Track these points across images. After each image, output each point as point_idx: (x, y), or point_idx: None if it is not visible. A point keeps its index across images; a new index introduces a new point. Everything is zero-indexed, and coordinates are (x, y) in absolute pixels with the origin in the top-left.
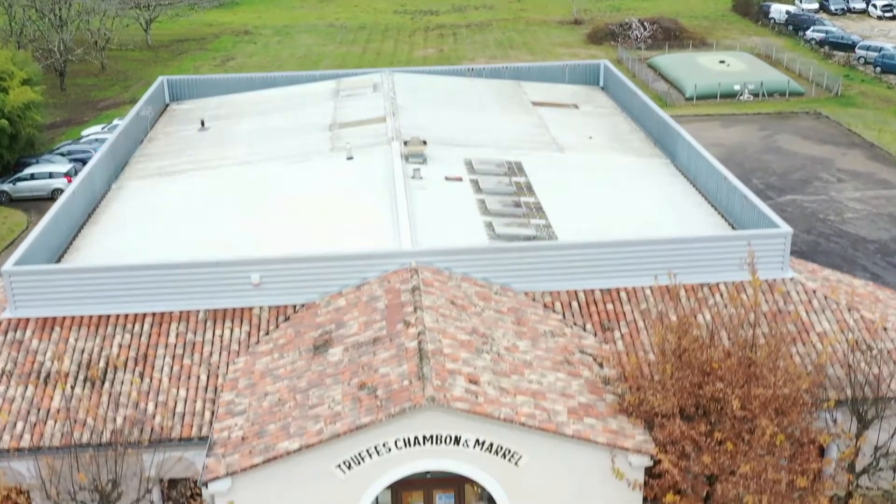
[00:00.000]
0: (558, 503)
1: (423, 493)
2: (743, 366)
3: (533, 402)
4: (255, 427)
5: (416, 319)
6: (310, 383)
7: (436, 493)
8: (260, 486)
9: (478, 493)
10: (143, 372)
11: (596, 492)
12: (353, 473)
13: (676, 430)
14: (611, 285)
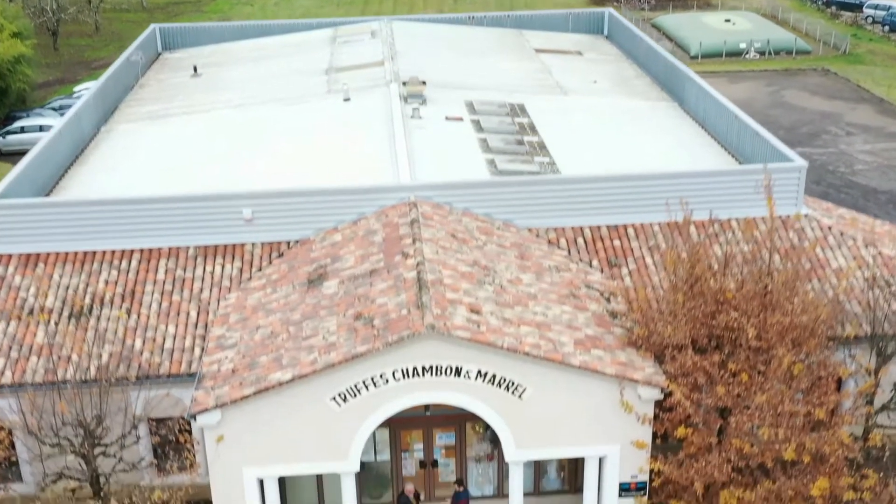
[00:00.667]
0: (563, 438)
1: (423, 431)
2: (758, 295)
3: (538, 332)
4: (246, 359)
5: (415, 251)
6: (303, 315)
7: (436, 432)
8: (251, 420)
9: (479, 433)
10: (131, 308)
11: (603, 426)
12: (349, 406)
13: (688, 361)
14: (618, 221)
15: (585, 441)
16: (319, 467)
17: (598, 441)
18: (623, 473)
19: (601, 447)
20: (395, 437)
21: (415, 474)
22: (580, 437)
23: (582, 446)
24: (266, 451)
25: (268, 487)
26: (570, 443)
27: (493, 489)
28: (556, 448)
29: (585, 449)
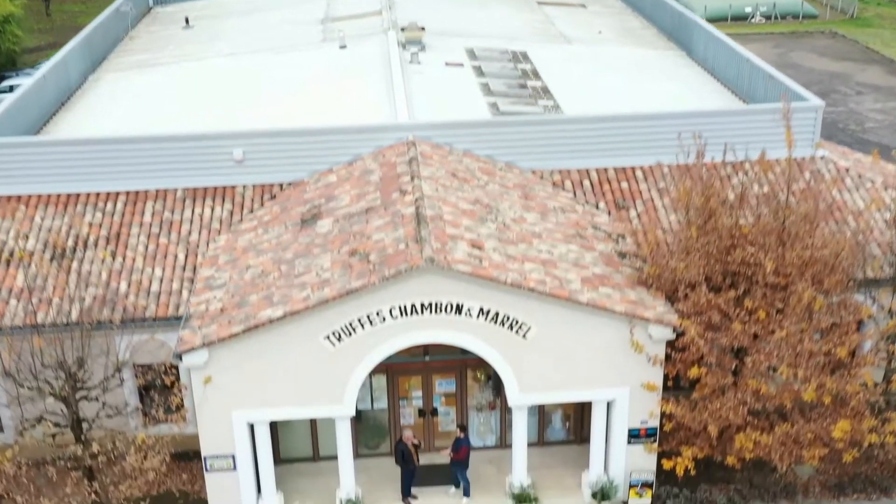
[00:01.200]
0: (570, 381)
1: (422, 378)
2: (776, 229)
3: (543, 269)
4: (235, 298)
5: (413, 188)
6: (296, 254)
7: (435, 379)
8: (240, 360)
9: (480, 380)
10: (116, 251)
11: (612, 368)
12: (344, 346)
13: (702, 298)
14: (626, 163)
15: (593, 384)
16: (313, 412)
17: (606, 384)
18: (632, 419)
19: (609, 391)
20: (392, 384)
21: (413, 423)
22: (587, 379)
23: (589, 390)
24: (256, 394)
25: (258, 433)
26: (576, 386)
27: (495, 439)
28: (562, 392)
29: (593, 392)
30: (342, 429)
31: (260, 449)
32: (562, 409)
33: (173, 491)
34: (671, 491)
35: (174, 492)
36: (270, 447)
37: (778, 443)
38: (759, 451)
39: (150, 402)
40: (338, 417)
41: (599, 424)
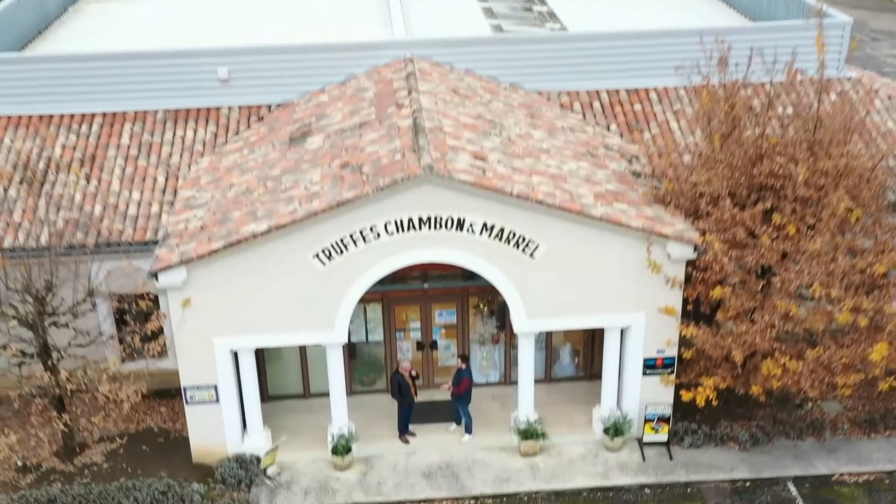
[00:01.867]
0: (581, 306)
1: (420, 308)
2: (807, 139)
3: (552, 183)
4: (217, 216)
5: (411, 101)
6: (283, 171)
7: (434, 309)
8: (221, 281)
9: (483, 310)
10: (90, 174)
11: (627, 291)
12: (335, 266)
13: (726, 214)
14: (638, 85)
15: (606, 309)
16: (301, 338)
17: (620, 309)
18: (648, 348)
19: (624, 316)
20: (388, 315)
21: (411, 358)
22: (600, 304)
23: (601, 315)
24: (240, 319)
25: (243, 362)
26: (588, 311)
27: (498, 375)
28: (573, 318)
29: (606, 318)
30: (333, 358)
31: (245, 380)
32: (570, 343)
33: (153, 428)
34: (689, 427)
35: (154, 429)
36: (256, 377)
37: (808, 369)
38: (788, 380)
39: (128, 334)
40: (329, 345)
41: (612, 354)
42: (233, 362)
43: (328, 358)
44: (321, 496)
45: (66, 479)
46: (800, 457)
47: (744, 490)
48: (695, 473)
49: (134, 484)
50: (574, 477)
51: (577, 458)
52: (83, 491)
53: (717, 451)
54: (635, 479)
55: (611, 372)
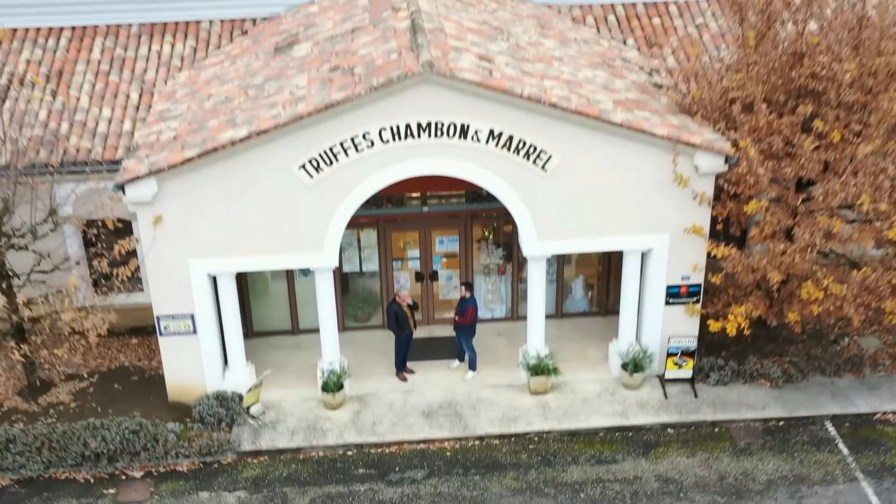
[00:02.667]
0: (597, 226)
1: (419, 235)
2: (851, 36)
3: (566, 88)
4: (193, 125)
5: (409, 3)
6: (267, 78)
7: (435, 236)
8: (196, 195)
9: (489, 237)
10: (57, 90)
11: (650, 208)
12: (324, 178)
13: (762, 120)
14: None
15: (626, 230)
16: (288, 261)
17: (641, 229)
18: (672, 274)
19: (645, 238)
20: (384, 242)
21: (410, 290)
22: (619, 224)
23: (621, 236)
24: (218, 239)
25: (223, 288)
26: (605, 232)
27: (505, 310)
28: (588, 239)
29: (625, 240)
30: (323, 284)
31: (225, 309)
32: (583, 276)
33: (127, 366)
34: (715, 362)
35: (128, 367)
36: (237, 306)
37: (852, 293)
38: (829, 305)
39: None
40: (318, 269)
41: (631, 282)
42: (211, 289)
43: (317, 284)
44: (310, 436)
45: (29, 419)
46: (837, 395)
47: (777, 430)
48: (722, 412)
49: (102, 423)
50: (589, 416)
51: (593, 396)
52: (46, 431)
53: (746, 389)
54: (657, 418)
55: (630, 301)
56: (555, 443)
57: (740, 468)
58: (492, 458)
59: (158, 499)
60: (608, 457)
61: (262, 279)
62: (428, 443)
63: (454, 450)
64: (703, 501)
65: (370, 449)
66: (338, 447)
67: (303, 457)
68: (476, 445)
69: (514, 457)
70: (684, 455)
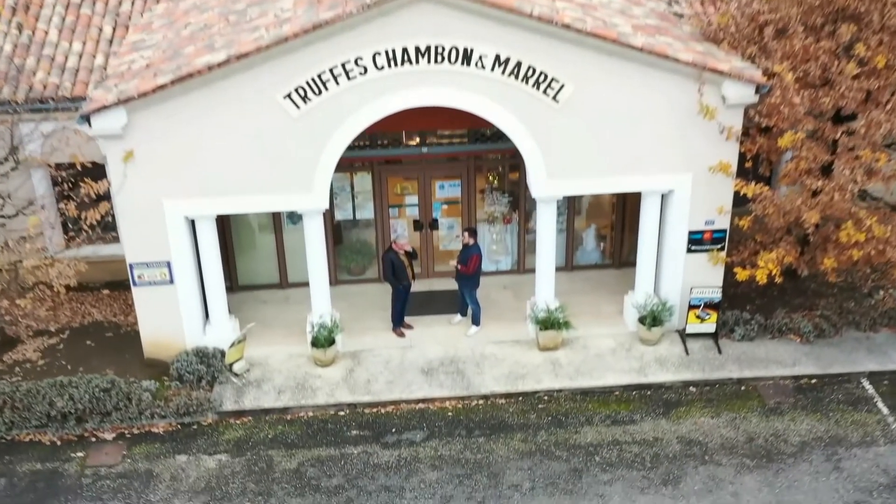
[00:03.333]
0: (614, 163)
1: (418, 179)
2: None
3: (580, 10)
4: (168, 53)
5: None
6: (250, 3)
7: (434, 181)
8: (171, 128)
9: (493, 183)
10: (24, 23)
11: (672, 144)
12: (312, 109)
13: (798, 45)
14: None
15: (644, 168)
16: (273, 202)
17: (662, 167)
18: (695, 218)
19: (666, 177)
20: (379, 187)
21: (407, 237)
22: (637, 161)
23: (639, 176)
24: (196, 177)
25: (202, 233)
26: (622, 171)
27: (511, 262)
28: (603, 179)
29: (644, 180)
30: (313, 229)
31: (206, 256)
32: (595, 226)
33: (101, 322)
34: (740, 316)
35: (102, 323)
36: (219, 253)
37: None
38: (871, 249)
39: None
40: (306, 211)
41: (650, 227)
42: (189, 234)
43: (306, 229)
44: (298, 395)
45: None
46: (874, 350)
47: (809, 388)
48: (749, 369)
49: (70, 381)
50: (604, 373)
51: (607, 352)
52: (8, 389)
53: (774, 345)
54: (677, 375)
55: (648, 249)
56: (566, 402)
57: (770, 429)
58: (497, 418)
59: (131, 462)
60: (625, 417)
61: (248, 230)
62: (427, 402)
63: (456, 410)
64: (730, 465)
65: (364, 409)
66: (329, 407)
67: (290, 417)
68: (480, 405)
69: (521, 417)
70: (708, 415)
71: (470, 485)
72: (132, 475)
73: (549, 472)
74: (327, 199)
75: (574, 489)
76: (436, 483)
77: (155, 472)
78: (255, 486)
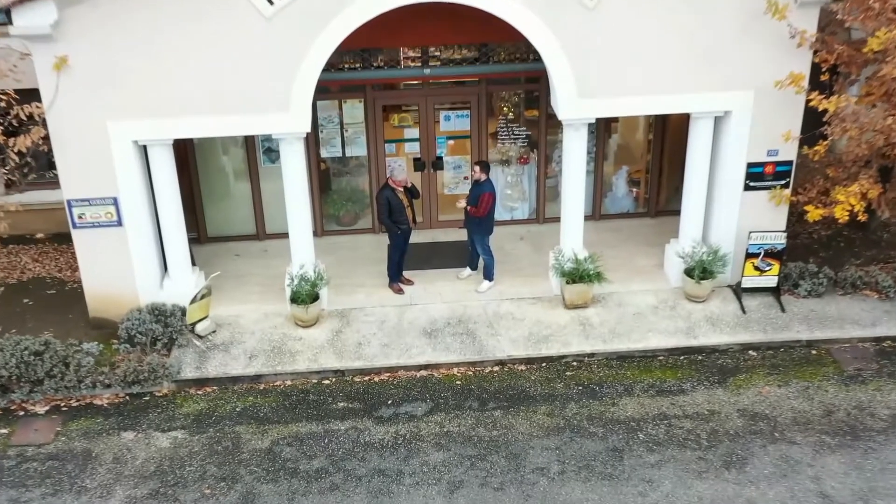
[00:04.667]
0: (657, 78)
1: (419, 108)
2: None
3: None
4: None
5: None
6: None
7: (439, 113)
8: (115, 28)
9: (509, 113)
10: None
11: (729, 54)
12: (289, 6)
13: None
14: None
15: (695, 84)
16: (242, 124)
17: (716, 83)
18: (755, 147)
19: (722, 95)
20: (374, 118)
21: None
22: (686, 76)
23: (688, 93)
24: (148, 93)
25: (156, 164)
26: (666, 88)
27: (528, 209)
28: (644, 97)
29: (694, 99)
30: (291, 159)
31: (162, 192)
32: (627, 170)
33: (43, 278)
34: (805, 268)
35: (45, 279)
36: (177, 188)
37: None
38: None
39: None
40: (283, 136)
41: (699, 158)
42: (142, 164)
43: (283, 159)
44: (274, 360)
45: None
46: None
47: (894, 351)
48: (820, 330)
49: None
50: (644, 335)
51: (647, 310)
52: None
53: (847, 302)
54: (733, 336)
55: (696, 187)
56: (600, 368)
57: (852, 400)
58: (517, 387)
59: (65, 440)
60: (673, 386)
61: (217, 168)
62: (431, 368)
63: (466, 378)
64: (807, 443)
65: (354, 377)
66: (311, 374)
67: (264, 387)
68: (495, 372)
69: (546, 386)
70: (775, 384)
71: (484, 468)
72: (65, 456)
73: (583, 453)
74: (308, 121)
75: (614, 473)
76: (441, 466)
77: (94, 452)
78: (217, 469)
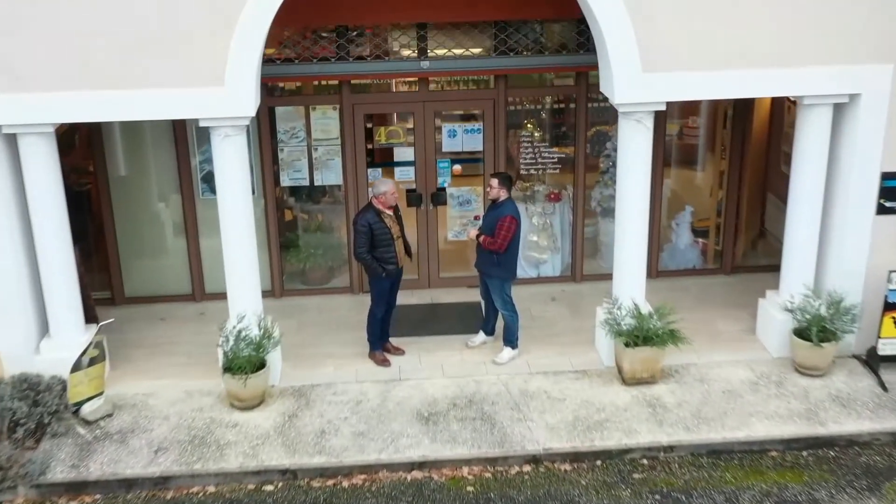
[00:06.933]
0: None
1: (414, 118)
2: None
3: None
4: None
5: None
6: None
7: (443, 125)
8: None
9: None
10: None
11: (853, 12)
12: None
13: None
14: None
15: (805, 55)
16: (153, 105)
17: (836, 54)
18: (894, 151)
19: (845, 70)
20: (352, 131)
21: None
22: (792, 44)
23: (795, 67)
24: (17, 55)
25: (30, 164)
26: (764, 61)
27: (560, 265)
28: (732, 72)
29: (804, 75)
30: (226, 156)
31: (38, 208)
32: (691, 211)
33: None
34: None
35: None
36: (63, 202)
37: None
38: None
39: None
40: (214, 122)
41: (812, 165)
42: (10, 168)
43: (216, 158)
44: (191, 456)
45: None
46: None
47: None
48: None
49: None
50: (746, 420)
51: (742, 387)
52: None
53: None
54: (879, 423)
55: (806, 208)
56: (685, 469)
57: None
58: (561, 497)
59: None
60: (800, 495)
61: (142, 214)
62: (429, 468)
63: (482, 482)
64: None
65: (311, 480)
66: (246, 476)
67: (174, 495)
68: (526, 473)
69: (605, 495)
70: None
71: None
72: None
73: None
74: (253, 102)
75: None
76: None
77: None
78: None
